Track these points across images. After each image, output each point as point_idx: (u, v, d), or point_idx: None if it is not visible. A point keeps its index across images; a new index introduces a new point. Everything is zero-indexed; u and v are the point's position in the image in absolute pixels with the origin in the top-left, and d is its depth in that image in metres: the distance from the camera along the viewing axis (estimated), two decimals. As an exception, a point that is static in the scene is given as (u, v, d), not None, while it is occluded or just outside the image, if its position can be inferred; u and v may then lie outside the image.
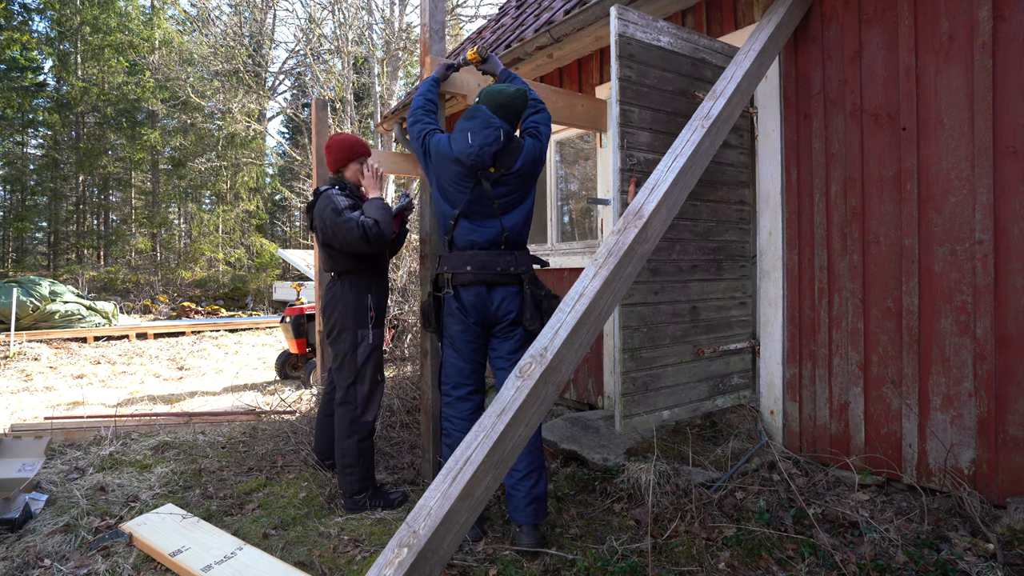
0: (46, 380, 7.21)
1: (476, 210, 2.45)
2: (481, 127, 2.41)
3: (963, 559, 2.06)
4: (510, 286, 2.47)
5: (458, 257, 2.47)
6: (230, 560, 2.29)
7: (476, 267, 2.43)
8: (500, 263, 2.44)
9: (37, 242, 23.45)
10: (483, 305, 2.46)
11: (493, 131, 2.40)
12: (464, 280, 2.46)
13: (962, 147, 2.44)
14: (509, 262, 2.45)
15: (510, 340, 2.50)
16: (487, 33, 5.89)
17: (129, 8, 22.07)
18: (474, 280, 2.44)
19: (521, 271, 2.47)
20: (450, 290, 2.50)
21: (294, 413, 4.49)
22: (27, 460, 3.27)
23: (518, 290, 2.48)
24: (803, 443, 3.00)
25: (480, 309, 2.46)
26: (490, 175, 2.43)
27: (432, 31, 2.98)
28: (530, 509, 2.37)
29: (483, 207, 2.45)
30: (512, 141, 2.46)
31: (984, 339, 2.39)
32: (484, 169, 2.41)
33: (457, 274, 2.47)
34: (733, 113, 2.50)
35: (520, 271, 2.47)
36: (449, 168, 2.45)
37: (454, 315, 2.51)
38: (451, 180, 2.46)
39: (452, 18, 14.45)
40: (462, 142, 2.42)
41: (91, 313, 11.32)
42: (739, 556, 2.19)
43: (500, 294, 2.46)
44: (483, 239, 2.46)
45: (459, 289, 2.48)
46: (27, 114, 21.09)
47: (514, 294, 2.47)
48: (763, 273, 3.18)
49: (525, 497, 2.37)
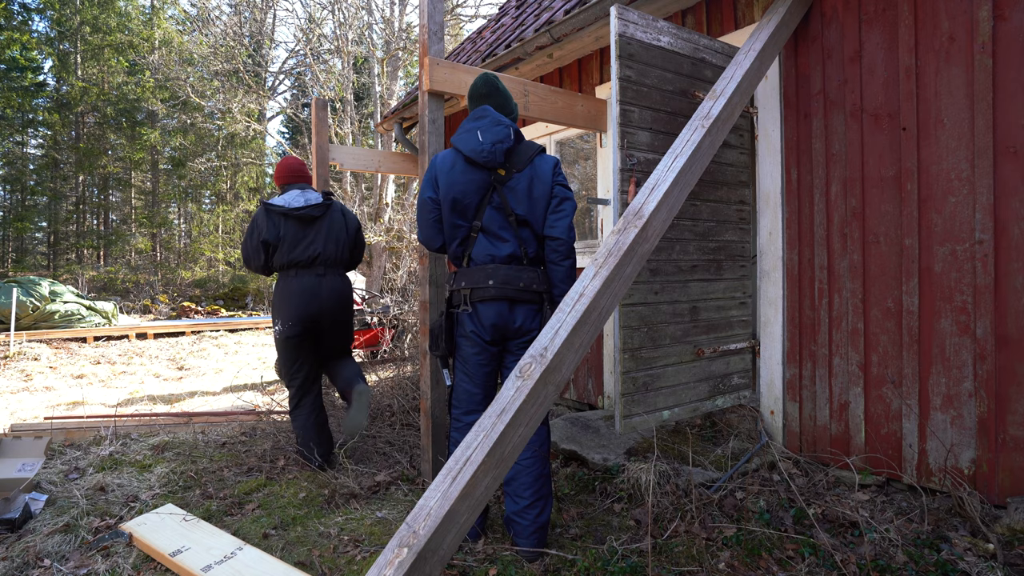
0: (46, 380, 7.21)
1: (494, 221, 2.35)
2: (491, 124, 2.35)
3: (963, 559, 2.06)
4: (531, 304, 2.36)
5: (479, 272, 2.34)
6: (230, 560, 2.29)
7: (499, 282, 2.31)
8: (523, 278, 2.33)
9: (37, 242, 23.44)
10: (504, 323, 2.33)
11: (503, 128, 2.35)
12: (485, 295, 2.32)
13: (962, 147, 2.44)
14: (532, 279, 2.34)
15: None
16: (487, 33, 5.89)
17: (129, 8, 22.07)
18: (496, 296, 2.31)
19: (543, 289, 2.36)
20: (468, 307, 2.36)
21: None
22: (27, 460, 3.27)
23: (538, 309, 2.38)
24: (803, 443, 3.00)
25: (500, 327, 2.34)
26: (501, 178, 2.34)
27: (431, 32, 2.98)
28: (534, 538, 2.31)
29: (500, 218, 2.34)
30: (521, 143, 2.40)
31: (984, 339, 2.39)
32: (495, 170, 2.33)
33: (477, 289, 2.33)
34: (733, 113, 2.50)
35: (542, 289, 2.36)
36: (459, 179, 2.33)
37: (469, 338, 2.38)
38: (463, 190, 2.33)
39: (452, 18, 14.44)
40: (472, 140, 2.32)
41: (91, 313, 11.32)
42: (739, 556, 2.19)
43: (522, 312, 2.35)
44: (503, 253, 2.34)
45: (478, 306, 2.34)
46: (27, 114, 21.09)
47: (535, 312, 2.37)
48: (763, 273, 3.18)
49: (530, 526, 2.30)
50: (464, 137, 2.36)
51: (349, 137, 14.89)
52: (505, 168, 2.35)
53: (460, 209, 2.34)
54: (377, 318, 7.36)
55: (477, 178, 2.33)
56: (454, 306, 2.44)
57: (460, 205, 2.34)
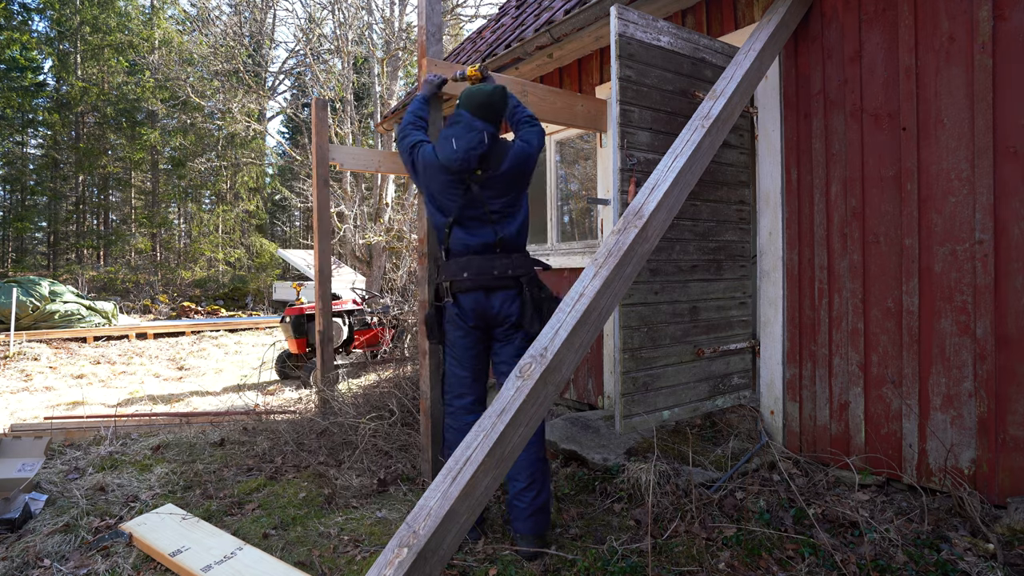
0: (46, 380, 7.20)
1: (468, 215, 2.44)
2: (464, 131, 2.39)
3: (963, 559, 2.06)
4: (509, 289, 2.45)
5: (455, 264, 2.46)
6: (230, 560, 2.29)
7: (473, 272, 2.42)
8: (497, 266, 2.43)
9: (37, 242, 23.44)
10: (483, 310, 2.45)
11: (476, 134, 2.38)
12: (463, 287, 2.45)
13: (962, 147, 2.44)
14: (506, 265, 2.44)
15: (511, 344, 2.49)
16: (487, 33, 5.89)
17: (129, 8, 22.07)
18: (472, 286, 2.43)
19: (520, 273, 2.45)
20: (450, 299, 2.49)
21: (294, 413, 4.49)
22: (27, 460, 3.27)
23: (517, 293, 2.46)
24: (803, 443, 3.00)
25: (480, 314, 2.45)
26: (477, 177, 2.41)
27: (429, 33, 2.98)
28: (531, 520, 2.36)
29: (475, 211, 2.43)
30: (497, 143, 2.44)
31: (984, 339, 2.39)
32: (471, 172, 2.40)
33: (455, 281, 2.46)
34: (733, 113, 2.50)
35: (518, 274, 2.45)
36: (437, 177, 2.45)
37: (453, 322, 2.51)
38: (440, 189, 2.45)
39: (452, 18, 14.45)
40: (447, 149, 2.40)
41: (91, 313, 11.32)
42: (739, 556, 2.19)
43: (499, 298, 2.44)
44: (477, 243, 2.44)
45: (459, 296, 2.47)
46: (27, 114, 21.10)
47: (513, 296, 2.45)
48: (763, 273, 3.18)
49: (527, 508, 2.36)
50: (441, 145, 2.45)
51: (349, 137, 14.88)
52: (482, 168, 2.41)
53: (438, 204, 2.49)
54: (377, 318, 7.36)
55: (452, 180, 2.43)
56: (440, 299, 2.57)
57: (437, 201, 2.49)
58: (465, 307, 2.46)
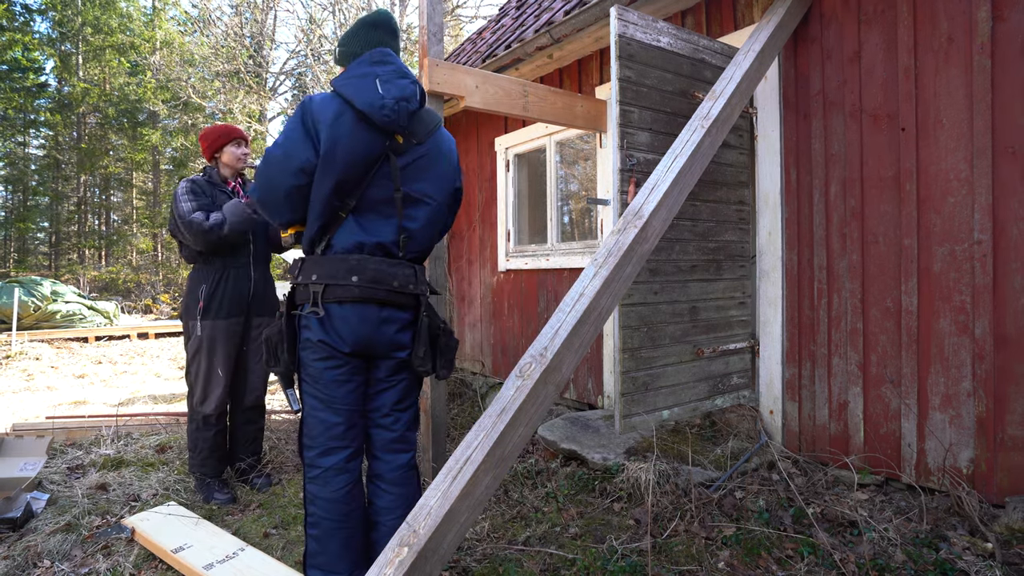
0: (47, 380, 7.22)
1: (370, 199, 1.81)
2: (395, 75, 1.82)
3: (962, 558, 2.07)
4: (404, 310, 1.88)
5: (339, 264, 1.79)
6: (232, 560, 2.30)
7: (366, 279, 1.78)
8: (398, 277, 1.83)
9: (39, 242, 23.48)
10: (368, 334, 1.81)
11: (410, 84, 1.84)
12: (344, 296, 1.78)
13: (961, 147, 2.45)
14: (408, 277, 1.86)
15: (393, 389, 1.92)
16: (487, 34, 5.90)
17: (130, 9, 22.11)
18: (360, 297, 1.78)
19: (420, 291, 1.90)
20: (318, 310, 1.79)
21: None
22: (29, 459, 3.29)
23: (412, 317, 1.90)
24: (802, 443, 3.01)
25: (364, 338, 1.81)
26: (396, 146, 1.83)
27: (430, 33, 2.99)
28: None
29: (381, 193, 1.82)
30: (424, 107, 1.90)
31: (983, 339, 2.39)
32: (393, 136, 1.82)
33: (334, 287, 1.78)
34: (733, 113, 2.51)
35: (420, 291, 1.90)
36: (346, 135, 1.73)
37: (318, 349, 1.81)
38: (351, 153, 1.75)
39: (452, 19, 14.46)
40: (369, 91, 1.76)
41: (92, 313, 11.34)
42: (738, 555, 2.20)
43: (395, 321, 1.85)
44: (372, 241, 1.82)
45: (333, 308, 1.79)
46: (29, 114, 21.13)
47: (407, 323, 1.89)
48: (763, 273, 3.19)
49: None
50: (357, 85, 1.78)
51: (350, 137, 14.88)
52: (404, 136, 1.85)
53: (341, 180, 1.76)
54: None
55: (369, 141, 1.77)
56: (297, 306, 1.87)
57: (343, 175, 1.76)
58: (342, 328, 1.79)
